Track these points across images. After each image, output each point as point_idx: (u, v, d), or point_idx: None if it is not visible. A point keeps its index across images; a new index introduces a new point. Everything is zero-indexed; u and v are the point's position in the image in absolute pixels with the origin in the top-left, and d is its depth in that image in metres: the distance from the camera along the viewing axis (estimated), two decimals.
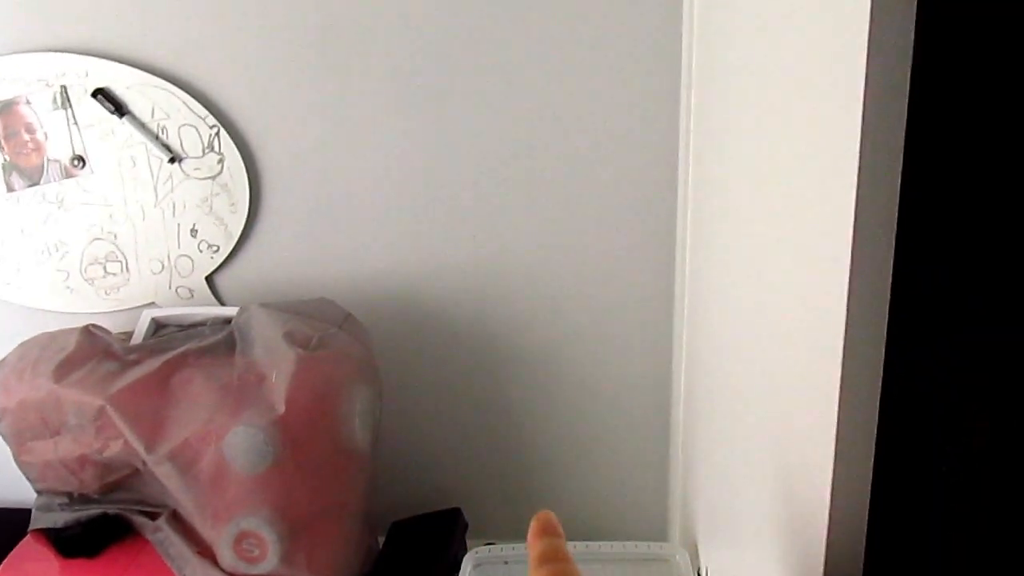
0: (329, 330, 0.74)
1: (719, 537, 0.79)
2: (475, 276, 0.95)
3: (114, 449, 0.72)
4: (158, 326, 0.85)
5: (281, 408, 0.65)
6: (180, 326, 0.84)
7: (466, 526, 0.91)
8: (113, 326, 0.92)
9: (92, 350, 0.77)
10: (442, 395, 0.99)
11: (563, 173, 0.92)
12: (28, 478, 0.79)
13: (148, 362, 0.74)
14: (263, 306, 0.78)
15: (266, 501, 0.65)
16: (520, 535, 0.71)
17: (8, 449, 0.81)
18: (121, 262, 0.96)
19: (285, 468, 0.66)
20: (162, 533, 0.70)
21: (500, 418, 0.99)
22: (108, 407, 0.71)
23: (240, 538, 0.64)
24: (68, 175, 0.94)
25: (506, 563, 0.82)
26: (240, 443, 0.65)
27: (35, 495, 0.80)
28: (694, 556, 0.90)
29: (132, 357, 0.76)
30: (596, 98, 0.90)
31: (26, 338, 0.83)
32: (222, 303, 0.97)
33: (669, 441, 0.97)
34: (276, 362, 0.67)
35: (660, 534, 1.00)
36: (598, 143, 0.92)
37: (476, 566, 0.81)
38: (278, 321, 0.72)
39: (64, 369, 0.75)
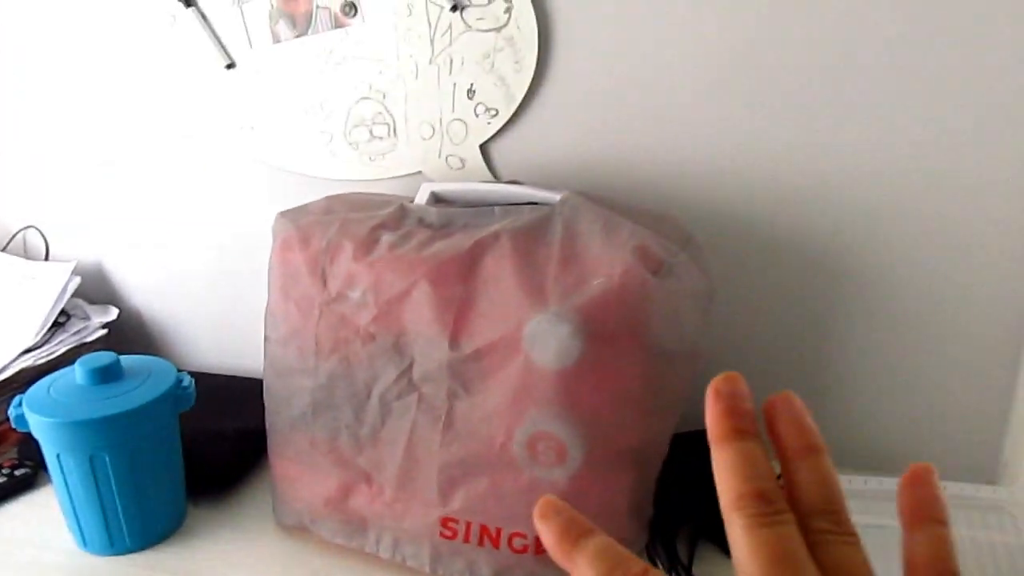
0: (678, 256, 0.64)
1: None
2: (803, 181, 0.77)
3: (393, 333, 0.63)
4: (437, 201, 0.73)
5: (595, 306, 0.58)
6: (465, 203, 0.72)
7: None
8: None
9: (405, 219, 0.70)
10: (752, 302, 0.83)
11: (949, 67, 0.70)
12: (266, 328, 0.71)
13: (458, 236, 0.66)
14: (591, 200, 0.67)
15: (565, 401, 0.60)
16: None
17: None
18: (389, 125, 0.85)
19: (591, 365, 0.60)
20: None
21: (807, 334, 0.83)
22: (419, 284, 0.63)
23: (534, 439, 0.62)
24: (338, 24, 0.83)
25: None
26: (542, 332, 0.59)
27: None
28: None
29: (444, 230, 0.68)
30: None
31: (283, 204, 0.74)
32: (496, 175, 0.85)
33: (1020, 364, 0.79)
34: (609, 271, 0.60)
35: (990, 475, 0.82)
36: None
37: None
38: (623, 229, 0.63)
39: (375, 234, 0.67)
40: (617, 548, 0.30)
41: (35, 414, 0.66)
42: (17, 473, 0.80)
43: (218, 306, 1.01)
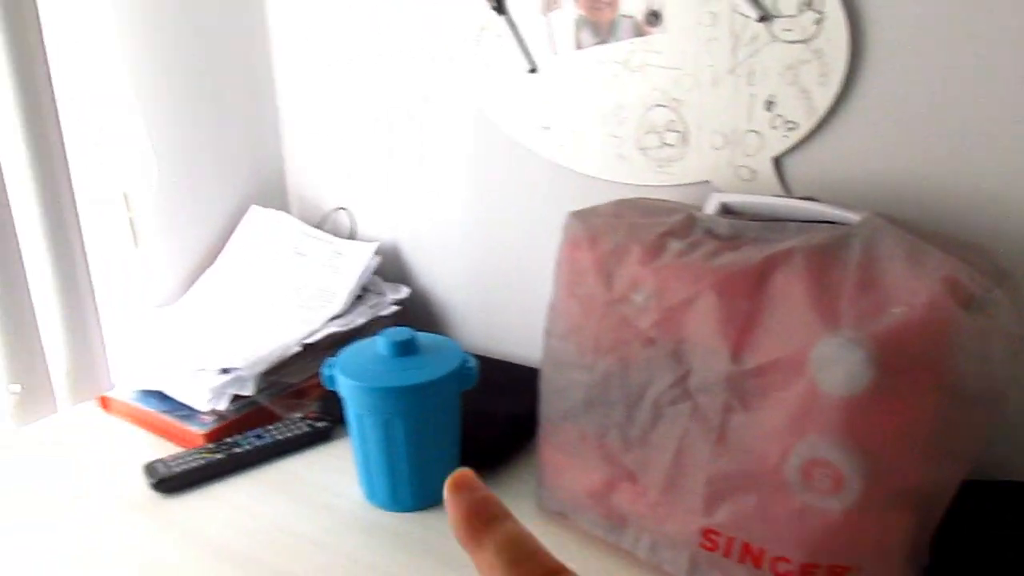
0: (992, 291, 0.59)
1: None
2: None
3: (673, 340, 0.64)
4: (725, 212, 0.74)
5: (893, 335, 0.56)
6: (754, 216, 0.71)
7: None
8: None
9: (693, 228, 0.70)
10: None
11: None
12: (547, 321, 0.75)
13: (748, 249, 0.65)
14: (894, 224, 0.63)
15: (849, 430, 0.58)
16: None
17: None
18: (680, 132, 0.85)
19: (881, 397, 0.57)
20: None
21: None
22: (705, 294, 0.64)
23: (810, 464, 0.60)
24: (639, 33, 0.84)
25: None
26: (831, 356, 0.58)
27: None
28: None
29: (733, 242, 0.67)
30: None
31: (569, 203, 0.77)
32: (788, 190, 0.82)
33: None
34: (912, 301, 0.57)
35: None
36: None
37: None
38: (930, 257, 0.59)
39: (663, 240, 0.68)
40: (531, 540, 0.26)
41: (344, 377, 0.74)
42: (318, 425, 0.91)
43: (498, 294, 1.08)
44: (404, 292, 1.09)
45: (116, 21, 0.98)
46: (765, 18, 0.78)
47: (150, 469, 0.83)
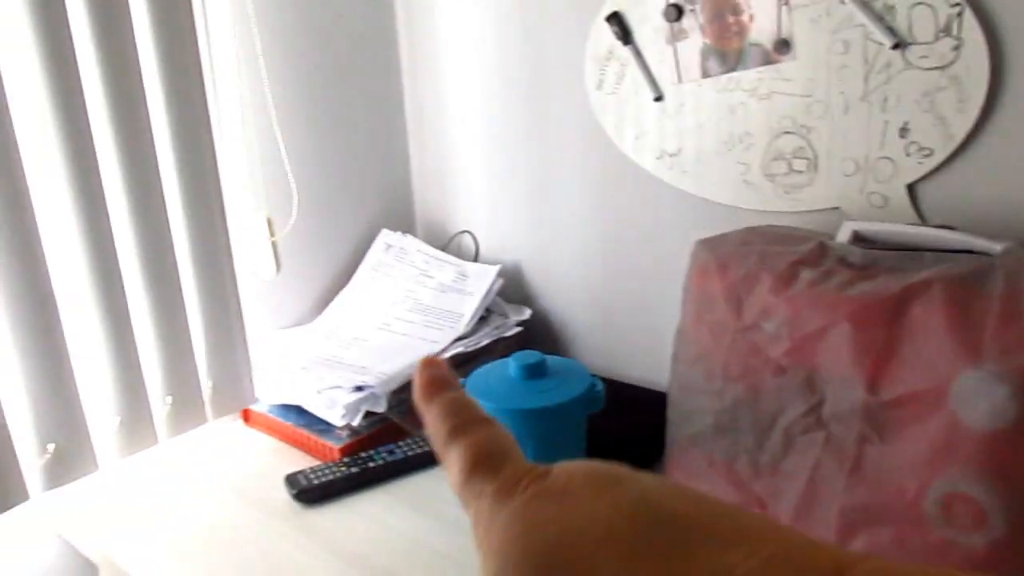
0: None
1: None
2: None
3: (805, 369, 0.65)
4: (857, 240, 0.74)
5: None
6: (887, 245, 0.71)
7: None
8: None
9: (825, 257, 0.70)
10: None
11: None
12: (675, 346, 0.78)
13: (883, 279, 0.65)
14: None
15: (992, 465, 0.58)
16: None
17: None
18: (809, 159, 0.85)
19: None
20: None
21: None
22: (839, 324, 0.64)
23: (950, 499, 0.60)
24: (768, 61, 0.85)
25: None
26: (974, 390, 0.58)
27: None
28: None
29: (867, 271, 0.67)
30: None
31: (693, 229, 0.79)
32: (922, 217, 0.80)
33: None
34: None
35: None
36: None
37: None
38: None
39: (794, 269, 0.69)
40: (468, 402, 0.33)
41: (476, 398, 0.77)
42: None
43: (618, 316, 1.10)
44: (526, 313, 1.12)
45: (264, 59, 1.05)
46: (900, 45, 0.77)
47: (292, 480, 0.88)
